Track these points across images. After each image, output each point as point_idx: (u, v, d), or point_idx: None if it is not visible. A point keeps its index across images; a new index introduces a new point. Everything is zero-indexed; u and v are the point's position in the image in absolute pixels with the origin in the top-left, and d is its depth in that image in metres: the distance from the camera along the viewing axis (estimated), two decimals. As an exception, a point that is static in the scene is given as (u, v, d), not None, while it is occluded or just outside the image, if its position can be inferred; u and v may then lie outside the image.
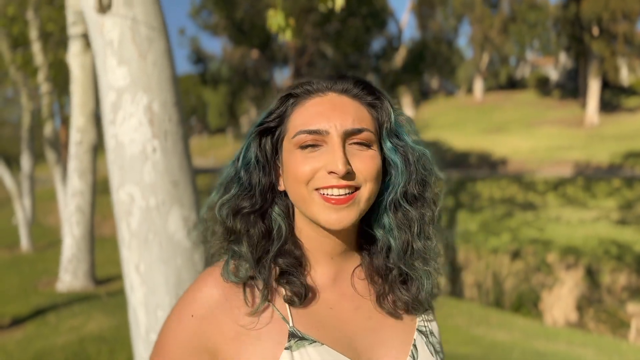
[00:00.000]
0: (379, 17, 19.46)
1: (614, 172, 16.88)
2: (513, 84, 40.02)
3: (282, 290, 0.70)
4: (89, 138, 6.16)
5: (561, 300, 7.36)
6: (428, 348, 0.73)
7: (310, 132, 0.68)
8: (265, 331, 0.67)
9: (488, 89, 39.39)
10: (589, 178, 15.31)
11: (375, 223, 0.75)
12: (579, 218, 11.04)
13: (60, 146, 12.77)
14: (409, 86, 24.71)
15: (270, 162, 0.73)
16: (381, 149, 0.73)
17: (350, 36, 18.51)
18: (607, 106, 28.37)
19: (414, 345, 0.72)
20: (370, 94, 0.74)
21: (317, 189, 0.68)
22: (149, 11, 2.15)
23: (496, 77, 38.70)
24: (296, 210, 0.74)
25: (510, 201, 13.62)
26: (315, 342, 0.67)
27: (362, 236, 0.76)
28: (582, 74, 30.01)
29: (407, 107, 34.03)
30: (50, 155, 11.02)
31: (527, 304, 7.72)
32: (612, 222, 10.47)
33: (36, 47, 9.56)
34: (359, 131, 0.69)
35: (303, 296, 0.69)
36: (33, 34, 9.46)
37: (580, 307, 7.18)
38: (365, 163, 0.69)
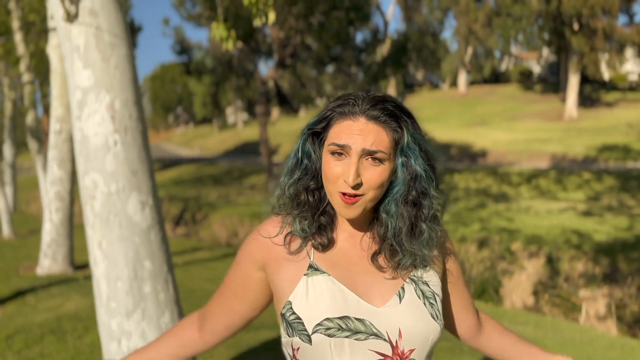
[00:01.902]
0: (362, 10, 19.62)
1: (587, 165, 17.34)
2: (497, 78, 40.42)
3: (313, 239, 1.02)
4: (68, 128, 6.36)
5: (520, 286, 7.78)
6: (416, 292, 0.99)
7: (338, 145, 0.94)
8: (295, 261, 1.00)
9: (472, 82, 39.77)
10: (562, 170, 15.76)
11: (383, 207, 1.03)
12: (547, 209, 11.47)
13: (42, 135, 12.87)
14: (393, 78, 25.00)
15: (319, 154, 1.01)
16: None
17: (333, 29, 18.68)
18: (587, 100, 28.96)
19: (402, 288, 0.99)
20: (396, 121, 0.96)
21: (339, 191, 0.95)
22: (112, 20, 2.43)
23: (480, 71, 39.03)
24: None
25: (485, 192, 14.03)
26: (324, 273, 0.97)
27: (377, 209, 1.04)
28: (563, 69, 30.51)
29: (392, 99, 34.23)
30: (32, 144, 11.15)
31: (490, 289, 8.10)
32: (578, 213, 10.90)
33: (18, 37, 9.67)
34: (374, 152, 0.93)
35: (326, 244, 1.00)
36: (15, 23, 9.56)
37: (537, 292, 7.60)
38: (373, 176, 0.94)
